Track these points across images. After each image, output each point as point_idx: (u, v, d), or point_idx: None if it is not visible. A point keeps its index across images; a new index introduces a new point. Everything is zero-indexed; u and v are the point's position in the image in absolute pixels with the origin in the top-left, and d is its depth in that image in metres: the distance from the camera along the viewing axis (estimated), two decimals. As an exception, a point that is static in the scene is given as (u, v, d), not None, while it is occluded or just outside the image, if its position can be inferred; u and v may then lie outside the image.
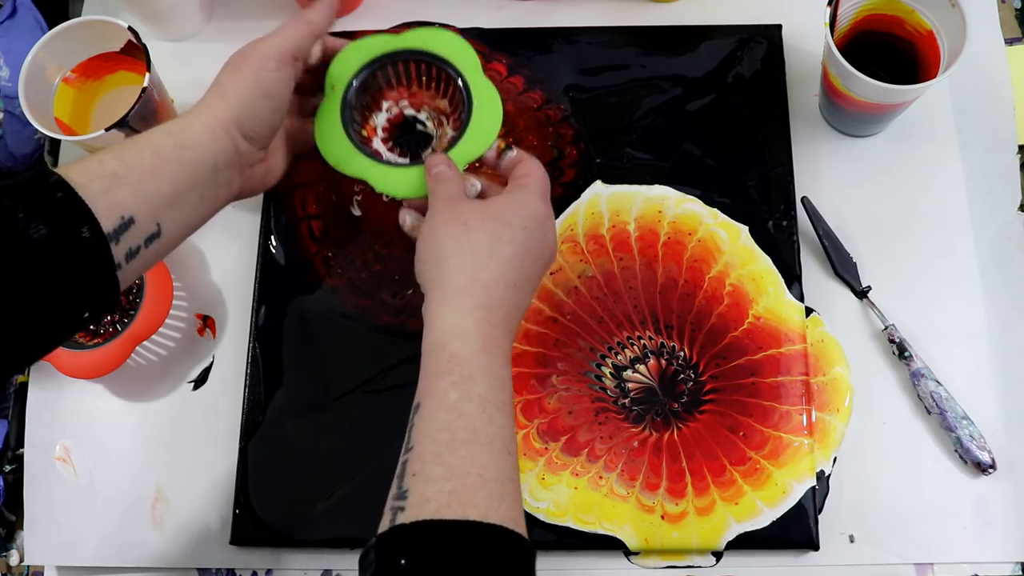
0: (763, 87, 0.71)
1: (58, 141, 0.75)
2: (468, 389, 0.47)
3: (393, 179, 0.57)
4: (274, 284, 0.68)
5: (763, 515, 0.62)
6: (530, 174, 0.54)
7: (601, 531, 0.62)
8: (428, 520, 0.42)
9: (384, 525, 0.44)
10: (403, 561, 0.41)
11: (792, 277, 0.66)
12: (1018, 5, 0.76)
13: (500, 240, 0.51)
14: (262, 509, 0.64)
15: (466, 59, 0.58)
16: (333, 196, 0.70)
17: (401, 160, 0.60)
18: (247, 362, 0.67)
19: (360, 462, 0.64)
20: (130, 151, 0.49)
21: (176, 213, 0.50)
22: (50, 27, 0.69)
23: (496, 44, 0.73)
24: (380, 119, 0.61)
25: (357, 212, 0.70)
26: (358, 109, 0.59)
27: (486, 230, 0.51)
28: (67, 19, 0.71)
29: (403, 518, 0.43)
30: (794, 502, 0.62)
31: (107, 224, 0.46)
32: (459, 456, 0.44)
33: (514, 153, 0.57)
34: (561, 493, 0.63)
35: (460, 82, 0.58)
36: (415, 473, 0.45)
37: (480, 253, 0.50)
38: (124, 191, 0.47)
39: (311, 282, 0.68)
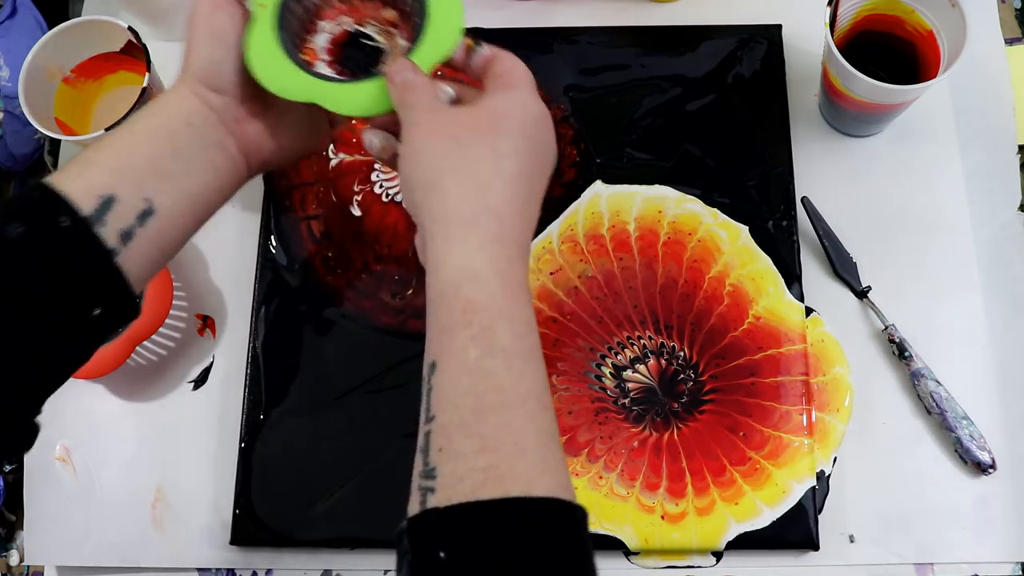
0: (763, 87, 0.71)
1: (58, 141, 0.74)
2: (490, 343, 0.41)
3: (350, 96, 0.49)
4: (274, 284, 0.68)
5: (763, 515, 0.62)
6: (513, 70, 0.47)
7: (601, 531, 0.62)
8: (465, 503, 0.37)
9: (414, 507, 0.39)
10: (442, 554, 0.36)
11: (792, 277, 0.66)
12: (1018, 5, 0.76)
13: (501, 154, 0.44)
14: (262, 509, 0.64)
15: None
16: (333, 196, 0.70)
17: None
18: (247, 362, 0.67)
19: (360, 462, 0.64)
20: (105, 136, 0.47)
21: (165, 184, 0.46)
22: (50, 27, 0.69)
23: (496, 44, 0.73)
24: (321, 40, 0.53)
25: (357, 212, 0.70)
26: (293, 30, 0.52)
27: (483, 143, 0.44)
28: (67, 19, 0.71)
29: (435, 501, 0.38)
30: (794, 502, 0.62)
31: (86, 207, 0.43)
32: (490, 424, 0.39)
33: (486, 50, 0.49)
34: (561, 493, 0.63)
35: None
36: (441, 448, 0.39)
37: (481, 172, 0.43)
38: (96, 171, 0.44)
39: (311, 282, 0.68)
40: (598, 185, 0.69)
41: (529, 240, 0.45)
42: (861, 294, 0.68)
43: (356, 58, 0.53)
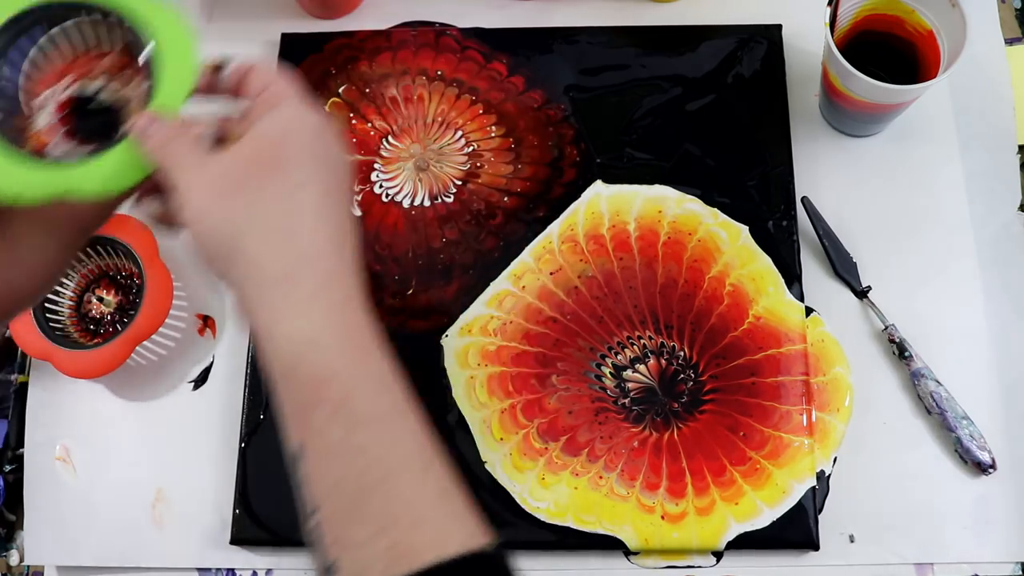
0: (763, 87, 0.71)
1: None
2: (351, 417, 0.37)
3: (100, 173, 0.41)
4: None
5: (763, 515, 0.62)
6: (273, 82, 0.41)
7: (601, 531, 0.62)
8: None
9: None
10: None
11: (792, 277, 0.66)
12: (1018, 5, 0.76)
13: (293, 188, 0.38)
14: (262, 509, 0.64)
15: None
16: (333, 196, 0.70)
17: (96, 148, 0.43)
18: (247, 362, 0.67)
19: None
20: None
21: None
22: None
23: (496, 44, 0.74)
24: (42, 120, 0.44)
25: (357, 212, 0.70)
26: (9, 121, 0.43)
27: (271, 184, 0.38)
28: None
29: None
30: (794, 502, 0.62)
31: None
32: (378, 503, 0.36)
33: (234, 63, 0.42)
34: (561, 493, 0.63)
35: (113, 19, 0.43)
36: (336, 539, 0.36)
37: (279, 217, 0.38)
38: None
39: (311, 282, 0.68)
40: (598, 185, 0.70)
41: (354, 262, 0.41)
42: (861, 294, 0.68)
43: (95, 123, 0.44)
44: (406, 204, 0.70)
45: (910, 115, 0.71)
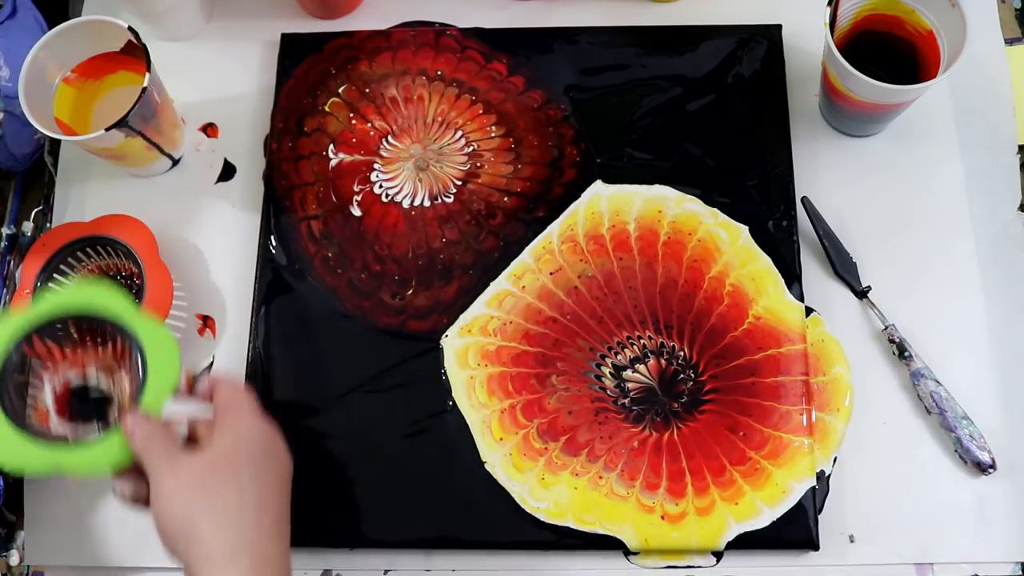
0: (763, 87, 0.71)
1: (58, 141, 0.75)
2: None
3: (92, 457, 0.52)
4: (274, 284, 0.68)
5: (763, 515, 0.62)
6: (231, 400, 0.53)
7: (601, 531, 0.62)
8: None
9: None
10: None
11: (792, 277, 0.66)
12: (1018, 5, 0.76)
13: (244, 489, 0.50)
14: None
15: (112, 303, 0.55)
16: (333, 196, 0.70)
17: (89, 430, 0.56)
18: (247, 362, 0.67)
19: (360, 463, 0.64)
20: None
21: None
22: (50, 27, 0.69)
23: (496, 44, 0.74)
24: (47, 397, 0.57)
25: (357, 212, 0.70)
26: (18, 398, 0.54)
27: (226, 484, 0.49)
28: (67, 19, 0.70)
29: None
30: (794, 502, 0.62)
31: None
32: None
33: (204, 381, 0.55)
34: (561, 493, 0.63)
35: (115, 326, 0.55)
36: None
37: (231, 510, 0.49)
38: None
39: (310, 282, 0.68)
40: (598, 185, 0.70)
41: (287, 543, 0.51)
42: (861, 294, 0.68)
43: (87, 408, 0.56)
44: (406, 204, 0.70)
45: (910, 115, 0.71)
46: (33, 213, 0.74)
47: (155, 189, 0.74)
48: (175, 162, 0.74)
